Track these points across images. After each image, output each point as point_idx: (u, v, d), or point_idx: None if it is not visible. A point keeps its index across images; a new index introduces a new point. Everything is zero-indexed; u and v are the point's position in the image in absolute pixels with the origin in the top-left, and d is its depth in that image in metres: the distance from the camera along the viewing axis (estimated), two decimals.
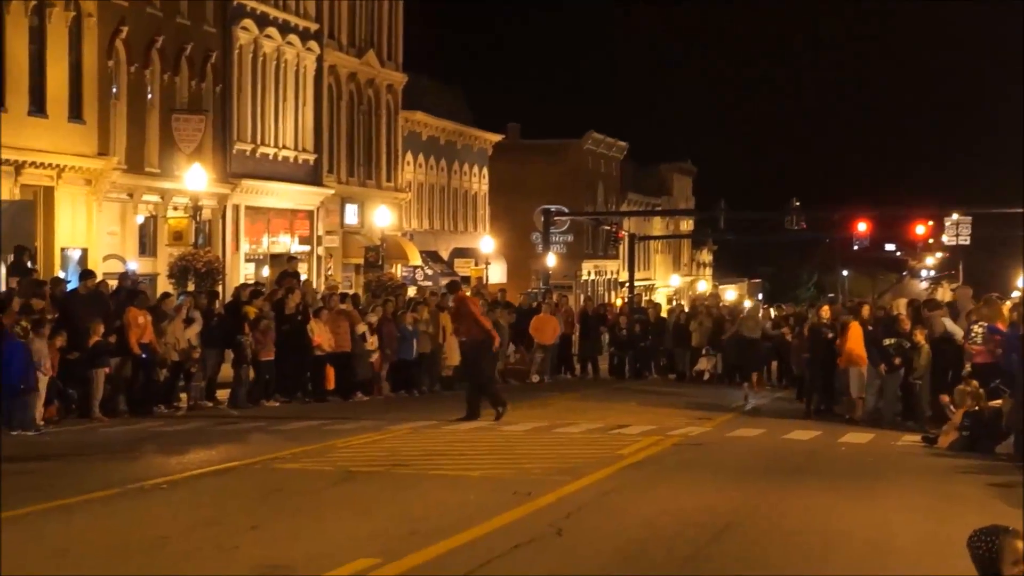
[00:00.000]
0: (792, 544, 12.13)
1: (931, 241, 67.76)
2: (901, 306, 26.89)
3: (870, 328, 24.93)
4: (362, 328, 28.33)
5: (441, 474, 16.34)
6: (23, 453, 17.91)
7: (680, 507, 14.05)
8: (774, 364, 36.04)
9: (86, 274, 25.78)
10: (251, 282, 35.40)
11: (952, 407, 21.15)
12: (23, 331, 20.52)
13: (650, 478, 16.34)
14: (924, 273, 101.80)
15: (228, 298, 35.32)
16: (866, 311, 26.41)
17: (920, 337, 23.85)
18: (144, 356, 23.69)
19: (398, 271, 51.19)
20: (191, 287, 32.99)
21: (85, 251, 34.73)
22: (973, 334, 21.71)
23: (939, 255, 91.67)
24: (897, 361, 23.71)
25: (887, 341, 24.00)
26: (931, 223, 59.53)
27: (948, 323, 23.60)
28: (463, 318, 24.37)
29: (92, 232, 35.37)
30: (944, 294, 45.32)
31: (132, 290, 25.88)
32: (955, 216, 57.50)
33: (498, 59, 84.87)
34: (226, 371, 26.40)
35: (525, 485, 14.95)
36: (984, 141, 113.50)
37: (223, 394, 26.17)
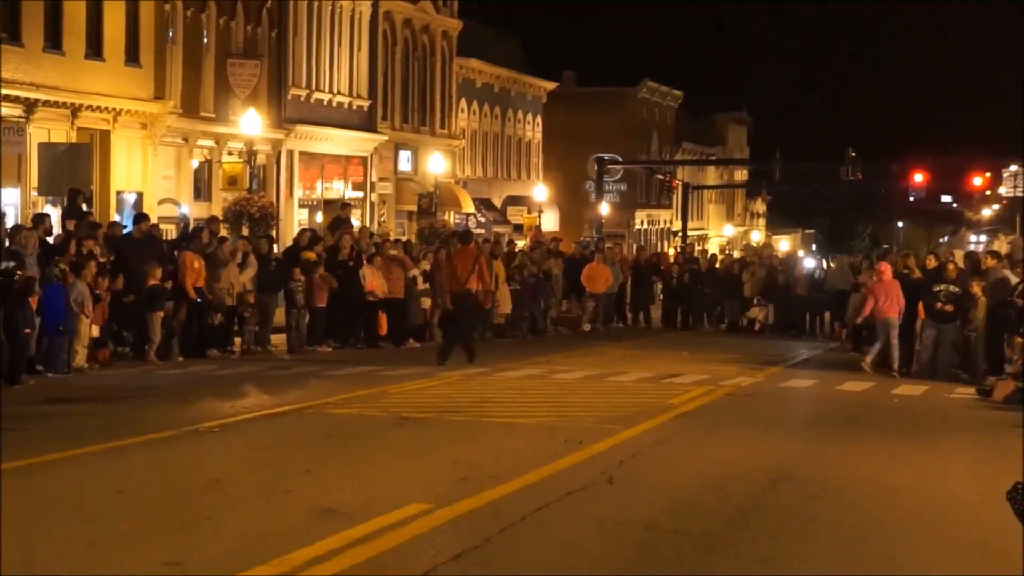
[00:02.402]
0: (847, 497, 12.07)
1: (988, 192, 67.11)
2: (959, 257, 26.76)
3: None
4: (414, 272, 28.35)
5: (493, 421, 16.38)
6: (79, 395, 18.09)
7: (733, 458, 14.02)
8: (827, 315, 35.83)
9: (140, 217, 25.90)
10: (309, 228, 35.44)
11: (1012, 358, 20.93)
12: (61, 273, 20.63)
13: (702, 428, 16.32)
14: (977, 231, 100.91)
15: (282, 244, 35.58)
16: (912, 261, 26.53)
17: (977, 289, 23.65)
18: (199, 300, 23.81)
19: (451, 218, 51.18)
20: (245, 232, 33.09)
21: (140, 195, 34.90)
22: None
23: (996, 207, 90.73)
24: (949, 308, 23.47)
25: (937, 288, 23.83)
26: (989, 174, 58.93)
27: (1009, 274, 23.38)
28: (470, 269, 24.27)
29: (147, 176, 35.54)
30: (1001, 246, 44.93)
31: (188, 233, 25.98)
32: (1013, 167, 56.98)
33: (554, 6, 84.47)
34: (280, 316, 26.51)
35: (577, 433, 14.98)
36: None
37: (277, 339, 26.29)
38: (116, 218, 30.27)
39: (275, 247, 27.63)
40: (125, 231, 25.41)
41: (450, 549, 9.51)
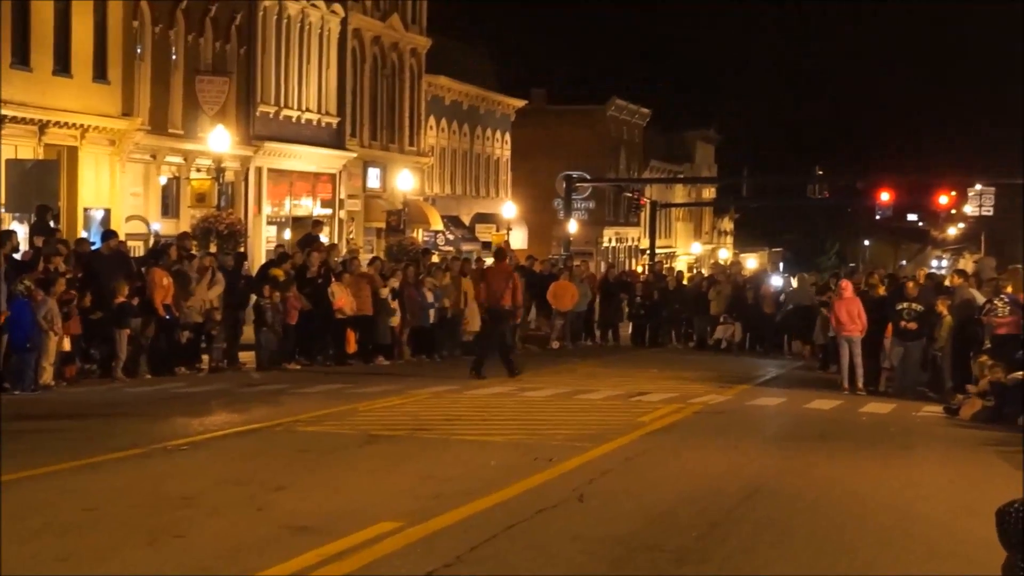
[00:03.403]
0: (819, 512, 12.14)
1: (954, 211, 67.48)
2: (921, 275, 26.98)
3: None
4: (386, 292, 28.34)
5: (463, 439, 16.37)
6: (48, 411, 18.02)
7: (704, 473, 14.07)
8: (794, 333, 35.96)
9: (108, 234, 25.81)
10: (281, 245, 35.39)
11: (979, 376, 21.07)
12: (27, 290, 20.55)
13: (673, 445, 16.35)
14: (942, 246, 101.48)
15: (251, 261, 35.52)
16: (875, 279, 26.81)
17: (942, 307, 23.82)
18: (168, 317, 23.74)
19: (419, 236, 51.16)
20: (213, 249, 33.00)
21: (108, 211, 34.74)
22: (996, 305, 21.64)
23: (961, 225, 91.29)
24: (912, 325, 23.65)
25: (899, 306, 23.99)
26: (954, 193, 59.25)
27: (975, 293, 23.54)
28: (504, 285, 25.09)
29: (115, 192, 35.39)
30: (966, 265, 45.19)
31: (157, 250, 25.90)
32: (978, 186, 57.35)
33: (524, 24, 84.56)
34: (249, 333, 26.45)
35: (547, 451, 14.98)
36: (1009, 111, 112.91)
37: (245, 356, 26.23)
38: (84, 235, 30.15)
39: (245, 264, 27.50)
40: (93, 247, 25.33)
41: (422, 567, 9.49)
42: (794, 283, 39.83)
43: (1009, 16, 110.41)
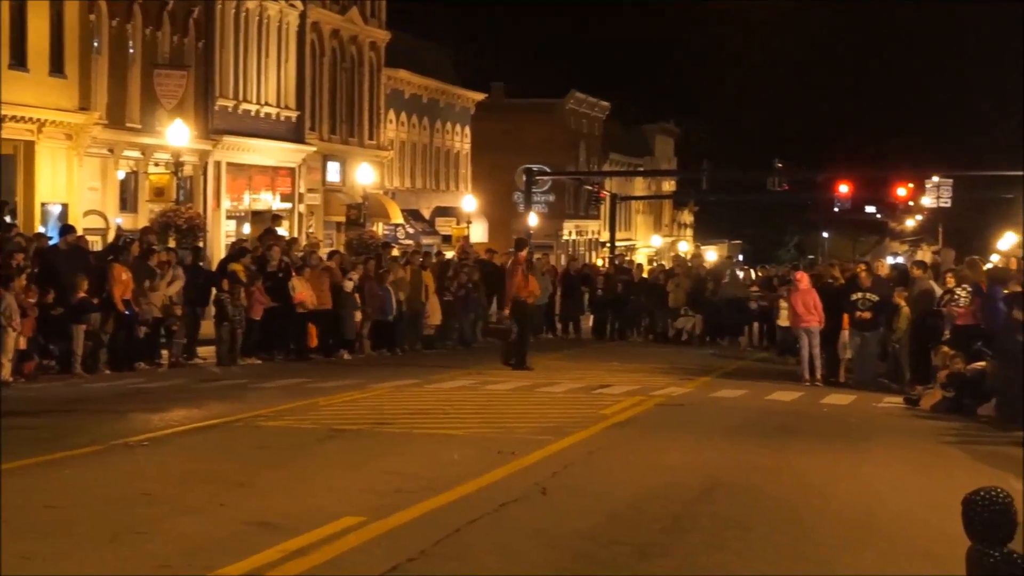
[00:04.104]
0: (780, 505, 12.16)
1: (912, 203, 67.77)
2: (881, 267, 27.09)
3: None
4: (349, 285, 28.26)
5: (426, 433, 16.34)
6: (7, 408, 17.81)
7: (667, 466, 14.09)
8: (756, 325, 36.14)
9: (66, 229, 25.64)
10: (243, 239, 35.23)
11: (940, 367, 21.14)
12: None
13: (635, 438, 16.37)
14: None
15: (210, 255, 35.37)
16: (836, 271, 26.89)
17: (899, 298, 23.93)
18: (128, 313, 23.59)
19: (379, 229, 51.05)
20: (172, 243, 32.82)
21: (66, 206, 34.53)
22: (957, 296, 21.74)
23: (919, 217, 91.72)
24: (867, 315, 23.73)
25: (854, 296, 24.08)
26: (912, 185, 59.51)
27: (935, 285, 23.64)
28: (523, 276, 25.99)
29: (73, 187, 35.15)
30: (924, 256, 45.43)
31: (117, 245, 25.74)
32: (936, 178, 57.61)
33: (483, 17, 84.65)
34: (208, 328, 26.32)
35: (509, 444, 14.97)
36: (966, 103, 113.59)
37: (204, 351, 26.10)
38: (41, 230, 29.94)
39: (204, 258, 27.38)
40: (51, 243, 25.16)
41: (386, 562, 9.47)
42: (736, 274, 40.16)
43: (965, 7, 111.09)
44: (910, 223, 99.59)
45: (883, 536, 11.00)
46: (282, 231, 39.45)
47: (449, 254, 41.73)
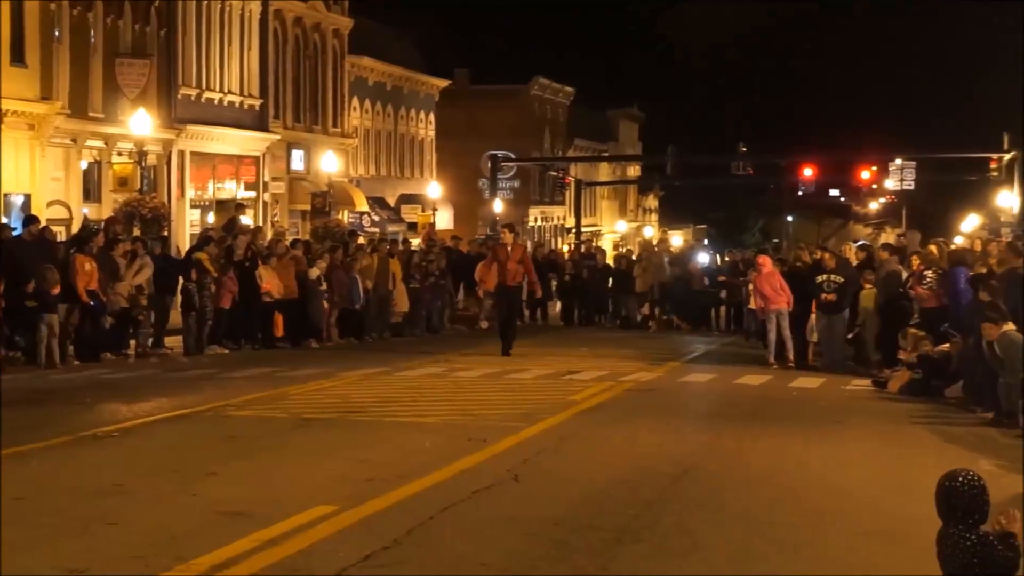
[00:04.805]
0: (751, 489, 12.19)
1: (875, 186, 68.09)
2: (849, 251, 27.18)
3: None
4: (316, 273, 28.17)
5: (396, 420, 16.31)
6: None
7: (638, 452, 14.11)
8: (723, 310, 36.25)
9: (30, 220, 25.46)
10: (208, 228, 35.08)
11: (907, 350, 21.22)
12: None
13: (605, 423, 16.37)
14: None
15: (175, 245, 35.21)
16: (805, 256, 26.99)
17: (866, 282, 24.01)
18: (93, 304, 23.44)
19: (345, 217, 50.90)
20: (137, 233, 32.63)
21: (28, 197, 34.30)
22: (926, 280, 21.82)
23: (883, 200, 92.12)
24: (832, 297, 23.78)
25: (819, 278, 24.15)
26: (875, 168, 59.76)
27: (901, 268, 23.72)
28: (516, 261, 26.26)
29: (36, 177, 34.92)
30: (888, 238, 45.61)
31: (81, 236, 25.57)
32: (899, 161, 57.89)
33: (446, 3, 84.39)
34: (176, 318, 26.20)
35: (480, 431, 14.96)
36: (928, 87, 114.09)
37: (172, 341, 25.98)
38: (4, 220, 29.72)
39: (170, 248, 27.24)
40: (15, 233, 24.98)
41: (360, 550, 9.44)
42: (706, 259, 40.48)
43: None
44: (874, 206, 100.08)
45: (851, 519, 11.04)
46: (247, 220, 39.31)
47: (415, 242, 41.71)
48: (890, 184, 60.73)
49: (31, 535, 9.81)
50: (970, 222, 60.05)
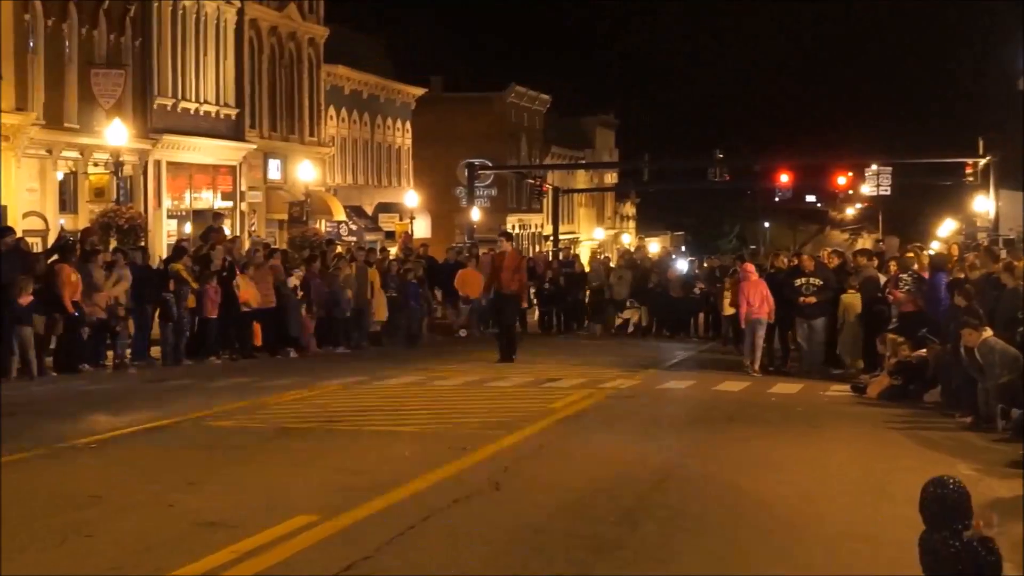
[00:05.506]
0: (732, 495, 12.18)
1: (851, 192, 68.26)
2: (826, 255, 27.25)
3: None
4: (294, 282, 28.12)
5: (376, 430, 16.27)
6: None
7: (617, 460, 14.08)
8: (701, 316, 36.28)
9: (5, 231, 25.33)
10: (184, 239, 34.99)
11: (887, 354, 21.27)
12: None
13: (585, 431, 16.36)
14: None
15: (152, 255, 35.08)
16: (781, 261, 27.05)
17: (851, 289, 24.07)
18: (76, 314, 23.36)
19: (322, 226, 50.83)
20: (114, 244, 32.52)
21: (4, 208, 34.14)
22: (903, 283, 21.87)
23: (859, 206, 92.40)
24: (811, 299, 23.85)
25: (798, 282, 24.19)
26: (851, 174, 59.93)
27: (880, 273, 23.79)
28: (512, 270, 26.52)
29: (11, 188, 34.78)
30: (865, 243, 45.74)
31: (63, 246, 25.46)
32: (875, 166, 58.03)
33: (421, 11, 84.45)
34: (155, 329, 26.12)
35: (460, 440, 14.94)
36: (905, 92, 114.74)
37: (157, 351, 25.90)
38: None
39: (148, 258, 27.16)
40: None
41: (340, 560, 9.41)
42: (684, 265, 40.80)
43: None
44: (850, 211, 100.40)
45: (830, 525, 11.04)
46: (224, 229, 39.21)
47: (393, 250, 41.64)
48: (866, 189, 60.86)
49: (7, 546, 9.73)
50: (946, 227, 60.37)
